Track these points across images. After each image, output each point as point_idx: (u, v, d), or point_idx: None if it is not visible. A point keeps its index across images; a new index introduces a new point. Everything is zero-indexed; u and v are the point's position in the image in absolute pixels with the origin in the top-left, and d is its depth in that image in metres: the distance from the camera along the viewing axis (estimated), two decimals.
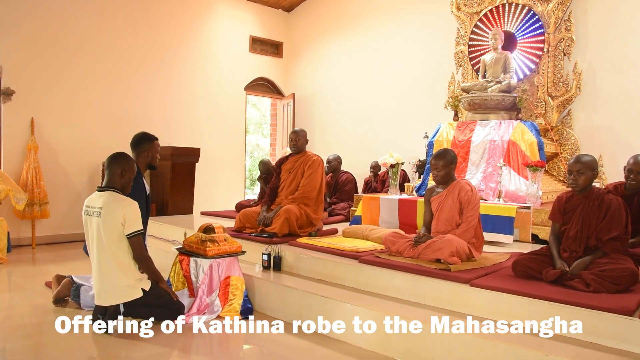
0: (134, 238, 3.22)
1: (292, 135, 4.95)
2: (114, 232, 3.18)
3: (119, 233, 3.19)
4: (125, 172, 3.32)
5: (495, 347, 2.51)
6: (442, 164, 3.66)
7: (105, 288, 3.22)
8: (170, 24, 7.90)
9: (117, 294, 3.21)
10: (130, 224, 3.19)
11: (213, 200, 8.09)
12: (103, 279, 3.22)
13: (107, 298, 3.22)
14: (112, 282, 3.21)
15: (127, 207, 3.20)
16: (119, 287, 3.21)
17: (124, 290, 3.21)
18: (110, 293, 3.22)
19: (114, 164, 3.32)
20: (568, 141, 5.95)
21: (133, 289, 3.23)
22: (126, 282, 3.22)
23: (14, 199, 5.82)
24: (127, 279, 3.22)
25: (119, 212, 3.17)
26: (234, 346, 3.24)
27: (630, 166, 3.63)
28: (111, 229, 3.17)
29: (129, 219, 3.18)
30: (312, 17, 9.20)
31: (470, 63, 6.64)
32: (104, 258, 3.20)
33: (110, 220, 3.16)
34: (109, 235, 3.17)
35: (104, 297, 3.23)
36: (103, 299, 3.23)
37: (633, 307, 2.56)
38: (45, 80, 6.60)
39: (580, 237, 3.11)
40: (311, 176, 4.73)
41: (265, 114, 14.04)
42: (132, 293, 3.22)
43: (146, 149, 3.86)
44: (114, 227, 3.17)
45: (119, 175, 3.30)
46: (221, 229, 3.86)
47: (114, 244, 3.19)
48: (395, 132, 7.69)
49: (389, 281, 3.40)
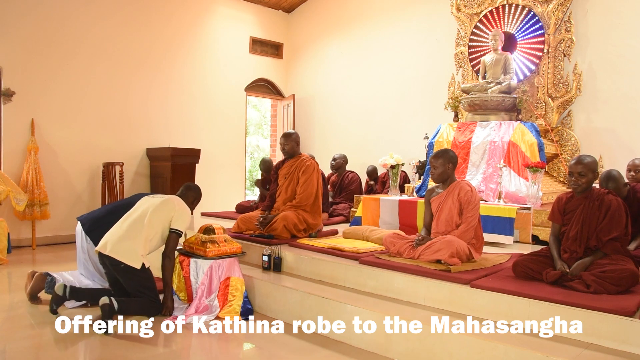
0: (173, 235, 3.57)
1: (281, 139, 4.84)
2: (162, 216, 3.56)
3: (164, 220, 3.56)
4: (196, 201, 4.00)
5: (495, 348, 2.51)
6: (440, 162, 3.69)
7: (117, 240, 3.45)
8: (170, 25, 7.90)
9: (122, 251, 3.41)
10: (177, 221, 3.58)
11: (213, 201, 8.08)
12: (122, 236, 3.46)
13: (113, 249, 3.41)
14: (127, 242, 3.44)
15: (184, 209, 3.67)
16: (130, 248, 3.42)
17: (130, 252, 3.41)
18: (119, 246, 3.42)
19: (190, 191, 3.94)
20: (568, 142, 5.95)
21: (137, 257, 3.42)
22: (137, 250, 3.43)
23: (14, 200, 5.82)
24: (140, 249, 3.45)
25: (175, 206, 3.62)
26: (234, 347, 3.24)
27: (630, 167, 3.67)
28: (160, 213, 3.56)
29: (177, 217, 3.58)
30: (312, 18, 9.21)
31: (471, 64, 6.65)
32: (138, 224, 3.51)
33: (165, 206, 3.60)
34: (155, 215, 3.54)
35: (110, 247, 3.42)
36: (108, 247, 3.42)
37: (633, 308, 2.55)
38: (46, 82, 6.60)
39: (581, 238, 3.11)
40: (306, 182, 4.65)
41: (265, 115, 14.05)
42: (133, 259, 3.40)
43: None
44: (165, 213, 3.57)
45: (190, 202, 3.90)
46: (221, 230, 3.87)
47: (155, 223, 3.53)
48: (395, 133, 7.70)
49: (389, 282, 3.40)
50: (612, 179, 3.56)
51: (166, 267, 3.57)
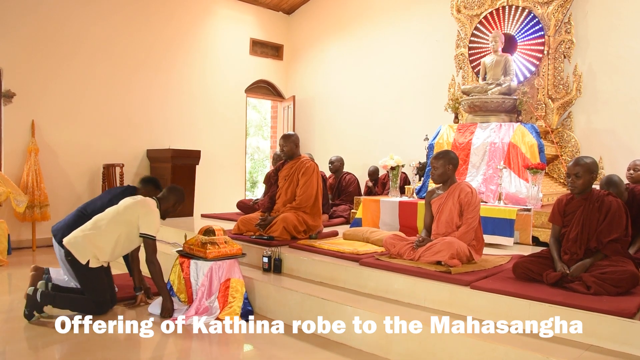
0: (146, 240, 3.55)
1: (280, 140, 4.85)
2: (126, 218, 3.53)
3: (127, 222, 3.53)
4: (178, 203, 3.86)
5: (495, 349, 2.51)
6: (440, 163, 3.70)
7: (75, 233, 3.53)
8: (170, 27, 7.91)
9: (74, 242, 3.47)
10: (143, 225, 3.53)
11: (213, 203, 8.09)
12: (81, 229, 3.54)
13: (68, 240, 3.49)
14: (83, 235, 3.49)
15: (149, 213, 3.58)
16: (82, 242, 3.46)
17: (81, 246, 3.45)
18: (74, 238, 3.49)
19: (171, 194, 3.84)
20: (568, 143, 5.95)
21: (86, 252, 3.44)
22: (90, 247, 3.45)
23: (15, 202, 5.82)
24: (95, 247, 3.46)
25: (140, 209, 3.56)
26: (234, 348, 3.24)
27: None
28: (125, 215, 3.54)
29: (143, 221, 3.53)
30: (312, 20, 9.22)
31: (471, 65, 6.65)
32: (101, 222, 3.53)
33: (130, 209, 3.57)
34: (120, 216, 3.54)
35: (67, 238, 3.52)
36: (65, 239, 3.52)
37: (634, 309, 2.55)
38: (46, 83, 6.61)
39: (581, 239, 3.11)
40: (306, 184, 4.65)
41: (265, 117, 14.04)
42: (81, 253, 3.43)
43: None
44: (129, 215, 3.54)
45: (171, 204, 3.82)
46: (221, 231, 3.86)
47: (118, 224, 3.52)
48: (395, 134, 7.70)
49: (390, 284, 3.39)
50: (613, 185, 3.55)
51: (152, 273, 3.57)
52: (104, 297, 3.56)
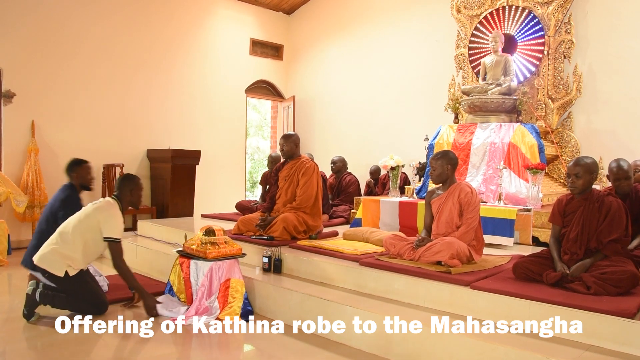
0: (110, 244, 3.53)
1: (280, 140, 4.84)
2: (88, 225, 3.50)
3: (90, 228, 3.50)
4: (135, 191, 3.78)
5: (495, 349, 2.51)
6: (439, 163, 3.71)
7: (42, 249, 3.50)
8: (170, 27, 7.91)
9: (46, 259, 3.44)
10: (106, 229, 3.51)
11: (213, 203, 8.09)
12: (47, 244, 3.51)
13: (39, 258, 3.46)
14: (51, 250, 3.46)
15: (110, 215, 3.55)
16: (52, 256, 3.43)
17: (53, 261, 3.43)
18: (43, 255, 3.46)
19: (124, 183, 3.76)
20: (568, 144, 5.95)
21: (60, 265, 3.42)
22: (60, 259, 3.43)
23: (15, 202, 5.83)
24: (66, 258, 3.44)
25: (99, 214, 3.54)
26: (234, 349, 3.24)
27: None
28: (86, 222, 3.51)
29: (105, 224, 3.51)
30: (312, 20, 9.22)
31: (471, 65, 6.65)
32: (65, 234, 3.50)
33: (90, 215, 3.53)
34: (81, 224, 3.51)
35: (37, 257, 3.48)
36: (36, 258, 3.48)
37: (634, 309, 2.55)
38: (46, 83, 6.61)
39: (581, 239, 3.11)
40: (306, 184, 4.64)
41: (265, 117, 14.05)
42: (56, 267, 3.42)
43: (77, 172, 4.16)
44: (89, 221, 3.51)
45: (129, 193, 3.75)
46: (221, 231, 3.86)
47: (82, 231, 3.48)
48: (395, 134, 7.70)
49: (390, 284, 3.39)
50: (623, 170, 3.50)
51: (123, 276, 3.58)
52: (98, 298, 3.56)
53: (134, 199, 3.79)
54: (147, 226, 5.96)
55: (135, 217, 6.94)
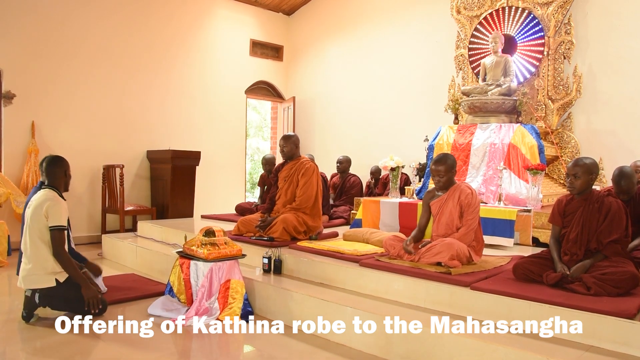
0: (54, 232, 3.41)
1: (280, 141, 4.84)
2: (38, 224, 3.42)
3: (41, 226, 3.42)
4: (67, 170, 3.68)
5: (495, 349, 2.51)
6: (444, 169, 3.63)
7: (22, 270, 3.47)
8: (170, 27, 7.91)
9: (30, 279, 3.41)
10: (52, 218, 3.41)
11: (213, 204, 8.09)
12: (24, 263, 3.47)
13: (24, 281, 3.43)
14: (29, 268, 3.42)
15: (54, 204, 3.44)
16: (34, 272, 3.40)
17: (37, 276, 3.40)
18: (26, 277, 3.43)
19: (53, 167, 3.61)
20: (568, 144, 5.95)
21: (46, 277, 3.40)
22: (41, 271, 3.40)
23: (15, 202, 5.82)
24: (46, 267, 3.41)
25: (43, 208, 3.41)
26: (234, 349, 3.24)
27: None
28: (35, 222, 3.42)
29: (51, 214, 3.41)
30: (312, 21, 9.22)
31: (471, 66, 6.66)
32: (26, 244, 3.45)
33: (35, 214, 3.42)
34: (33, 224, 3.42)
35: (21, 280, 3.46)
36: (22, 282, 3.46)
37: (634, 310, 2.55)
38: (46, 84, 6.61)
39: (581, 240, 3.11)
40: (306, 185, 4.64)
41: (265, 117, 14.06)
42: (40, 280, 3.40)
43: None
44: (37, 220, 3.42)
45: (63, 174, 3.64)
46: (221, 232, 3.86)
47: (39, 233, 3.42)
48: (395, 135, 7.70)
49: (390, 285, 3.39)
50: (626, 177, 3.54)
51: (65, 267, 3.44)
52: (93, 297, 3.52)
53: (67, 177, 3.67)
54: (147, 227, 5.96)
55: (136, 218, 6.95)
